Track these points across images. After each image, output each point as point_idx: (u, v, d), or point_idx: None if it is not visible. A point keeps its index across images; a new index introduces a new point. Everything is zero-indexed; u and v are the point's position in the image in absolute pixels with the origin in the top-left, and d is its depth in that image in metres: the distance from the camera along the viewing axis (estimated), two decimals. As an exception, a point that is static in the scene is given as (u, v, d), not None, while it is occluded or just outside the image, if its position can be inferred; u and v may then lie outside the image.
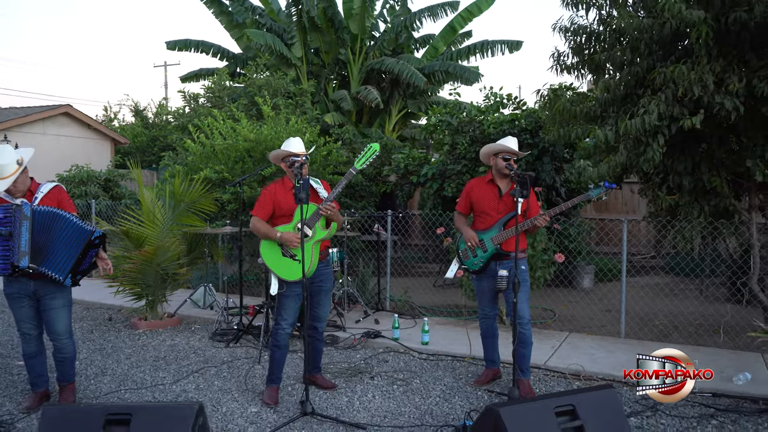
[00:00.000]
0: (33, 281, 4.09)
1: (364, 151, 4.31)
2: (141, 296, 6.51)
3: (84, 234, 4.02)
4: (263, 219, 4.33)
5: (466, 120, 8.90)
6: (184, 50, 15.77)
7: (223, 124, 8.52)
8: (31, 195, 4.14)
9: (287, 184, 4.42)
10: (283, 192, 4.39)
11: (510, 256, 4.44)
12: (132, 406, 3.02)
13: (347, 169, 10.67)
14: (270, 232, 4.25)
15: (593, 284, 9.39)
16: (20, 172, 4.02)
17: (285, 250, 4.25)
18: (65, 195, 4.30)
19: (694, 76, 4.63)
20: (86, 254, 4.05)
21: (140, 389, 4.68)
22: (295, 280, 4.24)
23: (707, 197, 5.84)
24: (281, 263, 4.26)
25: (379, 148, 4.34)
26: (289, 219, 4.31)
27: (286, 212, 4.32)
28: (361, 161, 4.30)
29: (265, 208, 4.35)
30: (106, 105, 27.02)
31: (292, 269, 4.24)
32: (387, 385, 4.76)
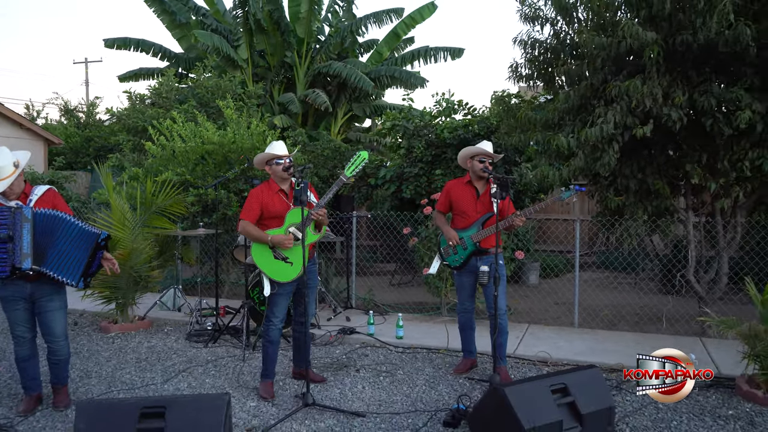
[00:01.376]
0: (30, 284, 4.10)
1: (353, 159, 4.53)
2: (111, 299, 6.48)
3: (91, 237, 4.08)
4: (252, 222, 4.49)
5: (422, 125, 9.28)
6: (122, 48, 15.43)
7: (182, 126, 8.51)
8: (26, 197, 4.15)
9: (273, 187, 4.60)
10: (269, 194, 4.56)
11: (489, 252, 4.83)
12: (164, 399, 3.17)
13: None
14: (261, 236, 4.41)
15: (538, 280, 10.00)
16: (17, 174, 4.03)
17: (277, 253, 4.43)
18: (60, 198, 4.33)
19: (646, 90, 5.18)
20: (95, 256, 4.11)
21: (132, 390, 4.74)
22: (287, 281, 4.44)
23: (650, 198, 6.45)
24: (273, 265, 4.45)
25: (368, 155, 4.59)
26: (277, 221, 4.49)
27: (273, 214, 4.50)
28: (351, 168, 4.52)
29: (253, 211, 4.50)
30: (28, 103, 25.72)
31: (283, 271, 4.44)
32: (373, 376, 5.04)
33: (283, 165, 4.50)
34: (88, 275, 4.16)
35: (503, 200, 4.70)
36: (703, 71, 5.50)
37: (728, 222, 6.49)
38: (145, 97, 12.23)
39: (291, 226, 4.41)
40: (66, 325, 4.33)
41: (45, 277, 4.10)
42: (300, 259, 4.37)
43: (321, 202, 4.43)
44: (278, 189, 4.56)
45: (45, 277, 4.10)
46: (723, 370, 4.99)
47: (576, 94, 5.91)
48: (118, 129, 12.57)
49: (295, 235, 4.38)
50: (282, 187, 4.57)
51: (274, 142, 4.68)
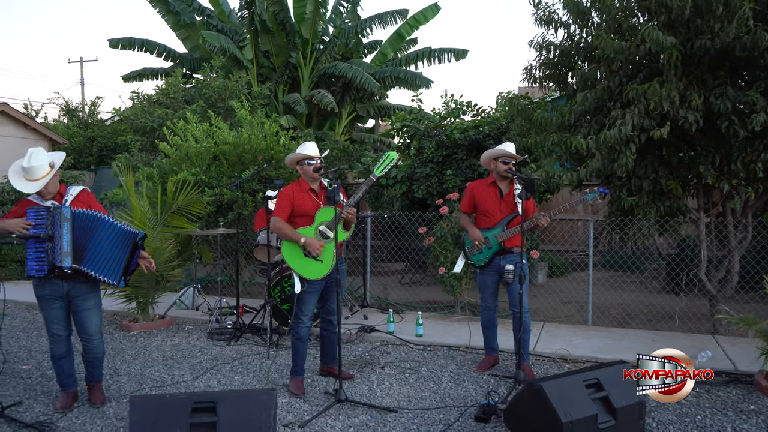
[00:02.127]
0: (66, 282, 4.18)
1: (383, 159, 4.64)
2: (132, 298, 6.55)
3: (130, 236, 4.16)
4: (283, 219, 4.58)
5: (432, 125, 9.39)
6: (127, 48, 15.48)
7: (196, 127, 8.58)
8: (61, 197, 4.23)
9: (303, 186, 4.69)
10: (300, 193, 4.66)
11: (513, 251, 4.95)
12: (214, 394, 3.25)
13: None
14: (294, 235, 4.50)
15: (546, 279, 10.13)
16: (52, 174, 4.11)
17: (307, 251, 4.53)
18: (94, 198, 4.40)
19: (664, 93, 5.30)
20: (134, 255, 4.19)
21: (163, 387, 4.82)
22: (316, 279, 4.54)
23: (662, 198, 6.58)
24: (303, 263, 4.54)
25: (396, 155, 4.69)
26: (306, 220, 4.58)
27: (303, 212, 4.60)
28: (380, 168, 4.63)
29: (285, 209, 4.60)
30: (26, 103, 25.62)
31: (313, 269, 4.53)
32: (398, 373, 5.14)
33: (314, 165, 4.60)
34: (128, 274, 4.23)
35: (527, 200, 4.81)
36: (718, 75, 5.62)
37: (739, 222, 6.63)
38: (152, 97, 12.27)
39: (321, 224, 4.51)
40: (101, 323, 4.40)
41: (81, 276, 4.18)
42: (330, 257, 4.47)
43: (351, 202, 4.52)
44: (308, 188, 4.66)
45: (81, 276, 4.18)
46: (740, 367, 5.11)
47: (593, 97, 6.02)
48: (125, 129, 12.61)
49: (325, 233, 4.47)
50: (312, 186, 4.66)
51: (306, 142, 4.78)
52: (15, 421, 4.02)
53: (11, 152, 14.19)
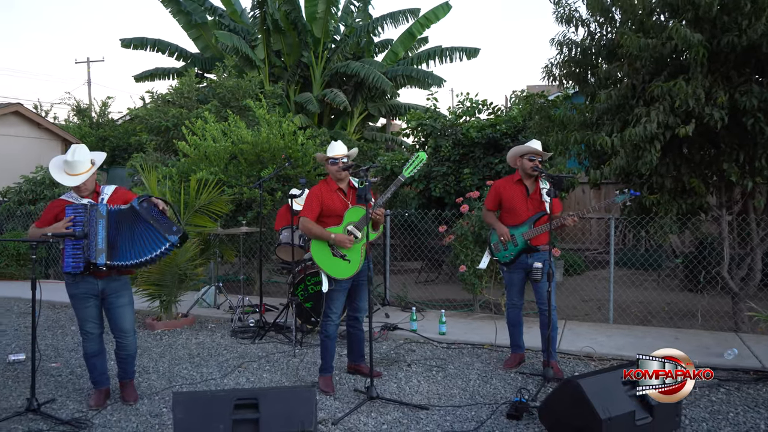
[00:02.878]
0: (100, 281, 4.21)
1: (412, 160, 4.64)
2: (155, 296, 6.58)
3: (159, 243, 4.15)
4: (312, 219, 4.60)
5: (448, 124, 9.40)
6: (139, 48, 15.54)
7: (214, 126, 8.62)
8: (97, 196, 4.27)
9: (332, 185, 4.71)
10: (328, 193, 4.68)
11: (539, 249, 4.96)
12: (256, 391, 3.27)
13: (323, 170, 10.96)
14: (323, 234, 4.52)
15: (563, 278, 10.12)
16: (92, 171, 4.15)
17: (335, 251, 4.54)
18: (130, 195, 4.42)
19: (690, 90, 5.29)
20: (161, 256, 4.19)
21: (194, 384, 4.85)
22: (344, 278, 4.56)
23: (684, 196, 6.57)
24: (331, 262, 4.56)
25: (425, 156, 4.70)
26: (335, 219, 4.60)
27: (332, 212, 4.62)
28: (410, 169, 4.63)
29: (314, 209, 4.62)
30: (36, 103, 25.71)
31: (341, 268, 4.55)
32: (425, 371, 5.15)
33: (339, 165, 4.61)
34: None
35: (554, 198, 4.82)
36: (744, 72, 5.61)
37: (761, 219, 6.61)
38: (166, 97, 12.32)
39: (349, 224, 4.52)
40: (134, 320, 4.44)
41: (114, 274, 4.22)
42: (358, 256, 4.49)
43: (379, 202, 4.54)
44: (336, 188, 4.68)
45: (114, 274, 4.22)
46: (767, 364, 5.10)
47: (616, 94, 6.02)
48: (139, 129, 12.66)
49: (354, 233, 4.49)
50: (340, 185, 4.68)
51: (334, 142, 4.79)
52: (51, 418, 4.05)
53: (25, 152, 14.28)
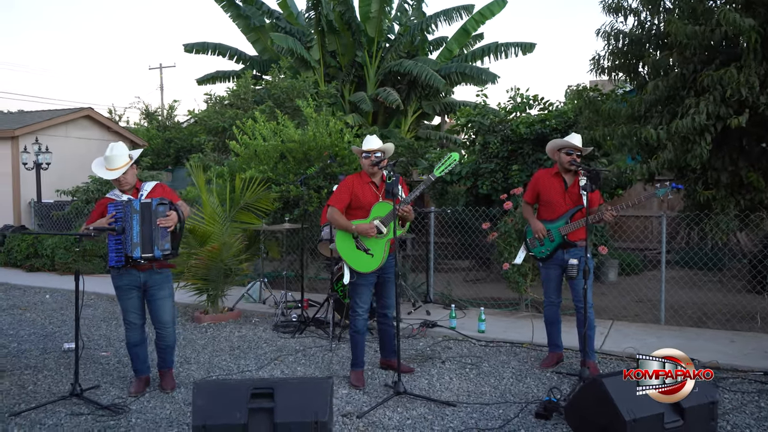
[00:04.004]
0: (142, 273, 4.40)
1: (444, 159, 4.61)
2: (202, 291, 6.80)
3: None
4: (340, 210, 4.63)
5: (497, 120, 9.25)
6: (201, 52, 16.08)
7: (264, 126, 8.82)
8: (137, 192, 4.46)
9: (365, 178, 4.73)
10: (360, 185, 4.69)
11: (576, 245, 4.81)
12: (273, 381, 3.34)
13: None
14: (347, 225, 4.54)
15: (617, 277, 9.78)
16: (129, 166, 4.34)
17: (359, 243, 4.56)
18: (167, 188, 4.60)
19: (742, 79, 5.01)
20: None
21: (229, 375, 4.98)
22: (366, 272, 4.56)
23: (742, 191, 6.22)
24: (354, 255, 4.57)
25: (458, 157, 4.65)
26: (364, 213, 4.61)
27: (362, 205, 4.63)
28: (441, 169, 4.60)
29: (343, 199, 4.65)
30: (110, 108, 27.11)
31: (364, 261, 4.56)
32: (459, 368, 5.09)
33: (371, 159, 4.63)
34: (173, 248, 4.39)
35: (592, 193, 4.66)
36: (803, 58, 5.27)
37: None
38: (224, 99, 12.71)
39: (376, 219, 4.53)
40: (174, 312, 4.61)
41: (156, 267, 4.40)
42: (381, 251, 4.49)
43: (407, 199, 4.52)
44: (369, 180, 4.70)
45: (156, 267, 4.40)
46: (829, 370, 4.77)
47: (664, 85, 5.77)
48: (199, 130, 13.11)
49: (379, 228, 4.50)
50: (372, 179, 4.70)
51: (369, 136, 4.82)
52: (92, 403, 4.25)
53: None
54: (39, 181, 12.50)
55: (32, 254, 10.69)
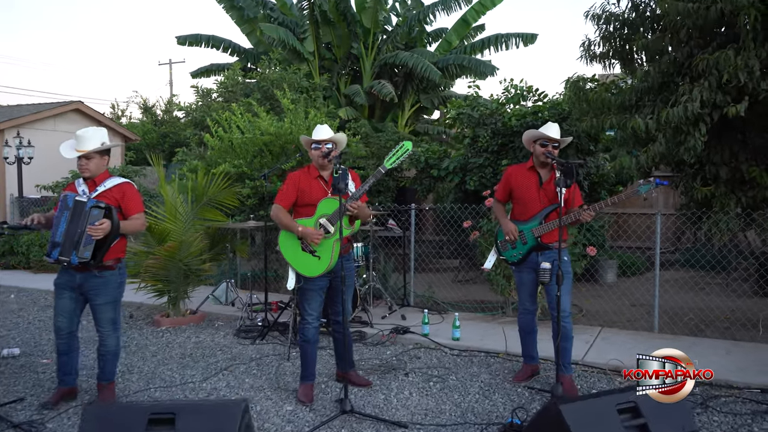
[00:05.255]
0: (79, 274, 4.00)
1: (395, 150, 4.11)
2: (163, 292, 6.40)
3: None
4: (285, 208, 4.19)
5: (488, 113, 8.75)
6: (194, 45, 15.67)
7: (241, 118, 8.39)
8: (95, 185, 4.06)
9: (312, 173, 4.27)
10: (307, 180, 4.23)
11: (551, 247, 4.31)
12: (176, 405, 2.89)
13: (365, 163, 10.57)
14: (291, 225, 4.10)
15: (616, 279, 9.24)
16: (96, 151, 4.00)
17: (305, 245, 4.11)
18: (130, 192, 4.13)
19: (740, 62, 4.48)
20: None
21: (170, 387, 4.56)
22: (312, 276, 4.11)
23: (744, 188, 5.69)
24: (300, 257, 4.13)
25: (411, 146, 4.15)
26: (311, 210, 4.16)
27: (309, 201, 4.18)
28: (392, 160, 4.10)
29: (289, 196, 4.20)
30: (114, 103, 26.92)
31: (310, 264, 4.11)
32: (423, 381, 4.63)
33: (321, 150, 4.17)
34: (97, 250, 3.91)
35: (568, 189, 4.16)
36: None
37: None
38: (212, 92, 12.31)
39: (322, 217, 4.08)
40: (116, 318, 4.17)
41: (95, 270, 3.98)
42: (329, 253, 4.03)
43: (356, 194, 4.05)
44: (317, 175, 4.24)
45: (95, 270, 3.98)
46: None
47: (656, 71, 5.25)
48: (186, 124, 12.75)
49: (326, 227, 4.05)
50: (322, 173, 4.24)
51: (319, 125, 4.35)
52: (3, 420, 3.85)
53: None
54: (21, 176, 12.18)
55: (8, 251, 10.35)
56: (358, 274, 6.83)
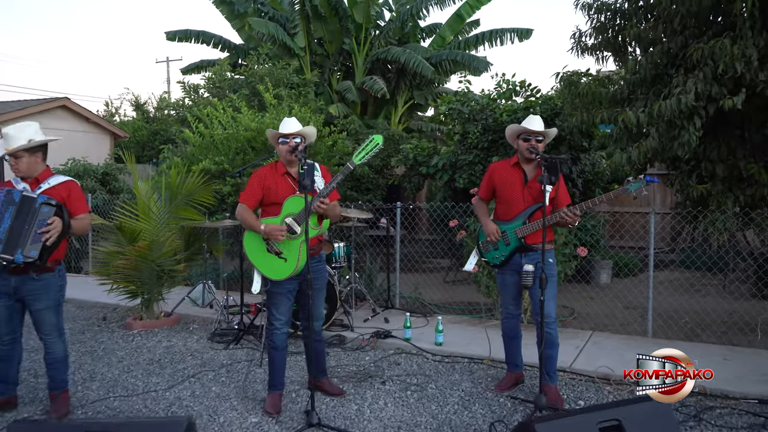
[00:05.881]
0: (14, 278, 3.72)
1: (365, 144, 3.84)
2: (136, 294, 6.13)
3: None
4: (251, 207, 3.92)
5: (478, 108, 8.47)
6: (184, 41, 15.37)
7: (223, 113, 8.12)
8: (37, 183, 3.79)
9: (280, 169, 4.00)
10: (273, 177, 3.96)
11: (535, 249, 4.05)
12: (113, 423, 2.63)
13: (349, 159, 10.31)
14: (255, 224, 3.84)
15: (610, 280, 8.97)
16: (24, 149, 3.69)
17: (270, 246, 3.85)
18: (76, 191, 3.89)
19: (737, 51, 4.21)
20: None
21: (131, 396, 4.29)
22: (278, 279, 3.85)
23: (742, 186, 5.43)
24: (266, 259, 3.87)
25: (382, 140, 3.88)
26: (278, 209, 3.90)
27: (276, 200, 3.91)
28: (361, 155, 3.83)
29: (254, 194, 3.93)
30: (107, 100, 26.64)
31: (276, 267, 3.85)
32: (400, 390, 4.36)
33: (289, 145, 3.90)
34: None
35: (553, 186, 3.89)
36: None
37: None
38: (200, 87, 12.03)
39: (288, 216, 3.82)
40: (59, 322, 3.91)
41: (32, 273, 3.71)
42: (295, 255, 3.77)
43: (323, 192, 3.78)
44: (284, 172, 3.97)
45: (32, 273, 3.71)
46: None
47: (649, 62, 4.97)
48: (173, 120, 12.48)
49: (291, 227, 3.78)
50: (289, 169, 3.97)
51: (286, 118, 4.08)
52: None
53: (73, 146, 14.44)
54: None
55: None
56: (341, 275, 6.58)
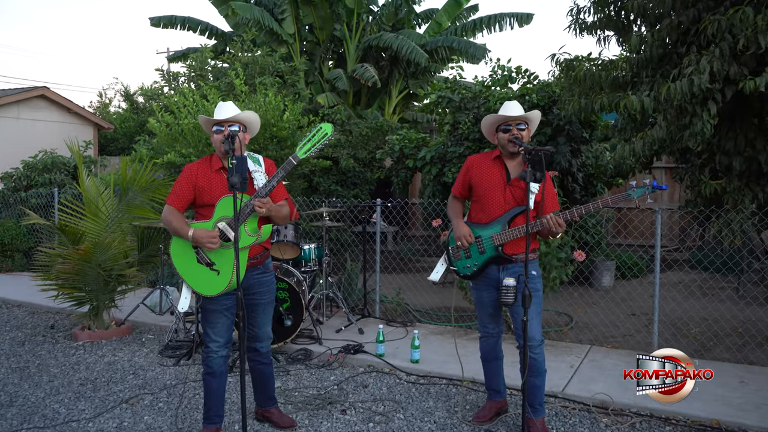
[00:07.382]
0: None
1: (311, 134, 3.18)
2: (83, 301, 5.53)
3: None
4: (180, 209, 3.30)
5: (470, 96, 7.81)
6: (169, 27, 14.75)
7: (192, 102, 7.49)
8: None
9: (215, 164, 3.36)
10: (206, 174, 3.33)
11: (514, 260, 3.40)
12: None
13: (334, 152, 9.64)
14: (181, 229, 3.21)
15: (613, 282, 8.31)
16: None
17: (200, 256, 3.22)
18: None
19: (760, 22, 3.54)
20: None
21: (46, 428, 3.68)
22: (211, 295, 3.22)
23: (761, 182, 4.76)
24: (196, 272, 3.25)
25: (332, 129, 3.22)
26: (212, 210, 3.27)
27: (209, 201, 3.28)
28: (306, 146, 3.17)
29: (183, 195, 3.31)
30: (101, 91, 26.04)
31: (208, 281, 3.23)
32: (361, 422, 3.74)
33: (224, 134, 3.26)
34: None
35: (539, 184, 3.24)
36: None
37: None
38: (180, 75, 11.40)
39: (222, 220, 3.19)
40: None
41: None
42: (230, 266, 3.14)
43: (262, 191, 3.14)
44: (220, 167, 3.34)
45: None
46: None
47: (656, 39, 4.30)
48: (150, 110, 11.85)
49: (225, 233, 3.15)
50: (224, 164, 3.34)
51: (221, 102, 3.43)
52: None
53: (54, 137, 13.85)
54: None
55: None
56: (312, 280, 5.96)
